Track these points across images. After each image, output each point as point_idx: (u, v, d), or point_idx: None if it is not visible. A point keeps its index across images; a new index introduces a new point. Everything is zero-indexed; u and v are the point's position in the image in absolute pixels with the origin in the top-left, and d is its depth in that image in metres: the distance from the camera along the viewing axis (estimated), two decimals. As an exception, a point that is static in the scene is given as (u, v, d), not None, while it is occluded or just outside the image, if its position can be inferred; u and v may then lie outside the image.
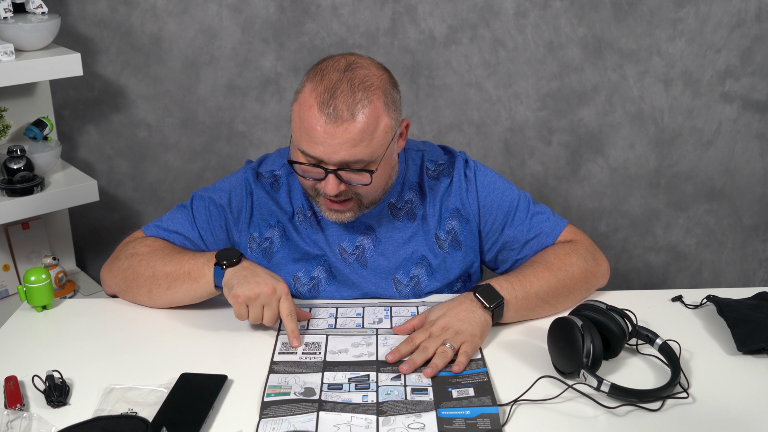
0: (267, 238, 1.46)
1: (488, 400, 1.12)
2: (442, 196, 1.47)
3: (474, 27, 2.34)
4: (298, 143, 1.30)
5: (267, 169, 1.50)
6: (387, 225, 1.46)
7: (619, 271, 2.67)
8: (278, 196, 1.48)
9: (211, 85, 2.39)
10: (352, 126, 1.25)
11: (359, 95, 1.26)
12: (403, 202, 1.47)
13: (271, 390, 1.16)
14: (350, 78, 1.27)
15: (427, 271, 1.45)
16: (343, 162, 1.27)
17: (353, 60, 1.30)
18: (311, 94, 1.27)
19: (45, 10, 1.98)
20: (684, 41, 2.38)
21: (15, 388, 1.16)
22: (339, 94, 1.25)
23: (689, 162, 2.53)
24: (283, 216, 1.46)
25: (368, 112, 1.26)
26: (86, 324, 1.38)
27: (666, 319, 1.37)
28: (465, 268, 1.48)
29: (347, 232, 1.45)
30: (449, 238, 1.46)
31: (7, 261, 2.21)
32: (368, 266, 1.45)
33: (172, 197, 2.53)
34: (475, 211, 1.47)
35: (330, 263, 1.45)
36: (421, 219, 1.47)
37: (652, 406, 1.13)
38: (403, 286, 1.45)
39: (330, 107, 1.24)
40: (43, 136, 2.13)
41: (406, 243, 1.46)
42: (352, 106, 1.25)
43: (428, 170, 1.49)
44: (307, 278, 1.45)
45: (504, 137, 2.48)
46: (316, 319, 1.38)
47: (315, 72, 1.30)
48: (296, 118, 1.30)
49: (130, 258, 1.43)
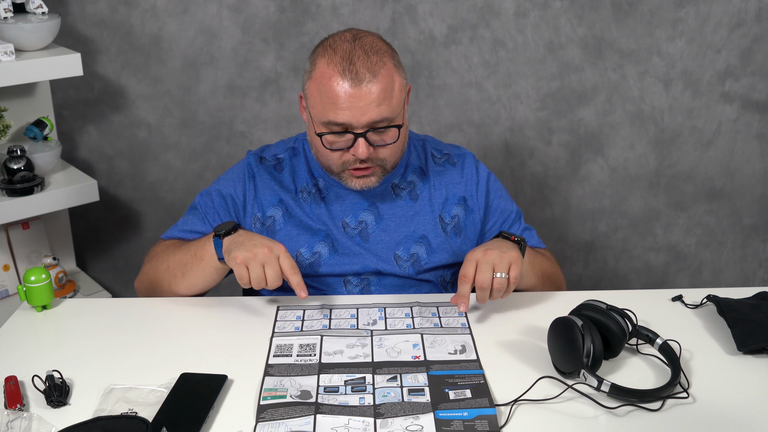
0: (270, 217, 1.51)
1: (485, 402, 1.12)
2: (448, 183, 1.55)
3: (474, 27, 2.34)
4: (323, 116, 1.36)
5: (270, 154, 1.57)
6: (390, 203, 1.52)
7: (619, 271, 2.67)
8: (281, 176, 1.54)
9: (211, 85, 2.39)
10: (374, 86, 1.33)
11: (374, 58, 1.35)
12: (406, 183, 1.54)
13: (267, 393, 1.15)
14: (361, 45, 1.36)
15: (427, 250, 1.51)
16: (370, 122, 1.35)
17: (356, 32, 1.40)
18: (328, 66, 1.35)
19: (45, 10, 1.98)
20: (684, 41, 2.38)
21: (15, 388, 1.16)
22: (356, 59, 1.34)
23: (689, 162, 2.53)
24: (285, 194, 1.52)
25: (385, 71, 1.35)
26: (86, 324, 1.38)
27: (666, 319, 1.37)
28: (462, 256, 1.50)
29: (351, 208, 1.51)
30: (453, 223, 1.54)
31: (7, 261, 2.21)
32: (370, 240, 1.50)
33: (172, 197, 2.53)
34: (481, 206, 1.56)
35: (333, 238, 1.50)
36: (424, 200, 1.53)
37: (653, 406, 1.13)
38: (403, 261, 1.50)
39: (351, 72, 1.33)
40: (43, 136, 2.13)
41: (408, 221, 1.52)
42: (371, 68, 1.34)
43: (434, 157, 1.58)
44: (309, 253, 1.49)
45: (504, 137, 2.48)
46: (310, 321, 1.38)
47: (323, 49, 1.38)
48: (314, 94, 1.37)
49: (150, 261, 1.53)
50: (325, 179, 1.52)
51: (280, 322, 1.37)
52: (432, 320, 1.38)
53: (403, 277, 1.51)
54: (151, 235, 2.58)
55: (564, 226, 2.60)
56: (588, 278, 2.68)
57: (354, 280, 1.50)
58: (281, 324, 1.37)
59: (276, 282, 1.32)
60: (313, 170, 1.54)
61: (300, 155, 1.56)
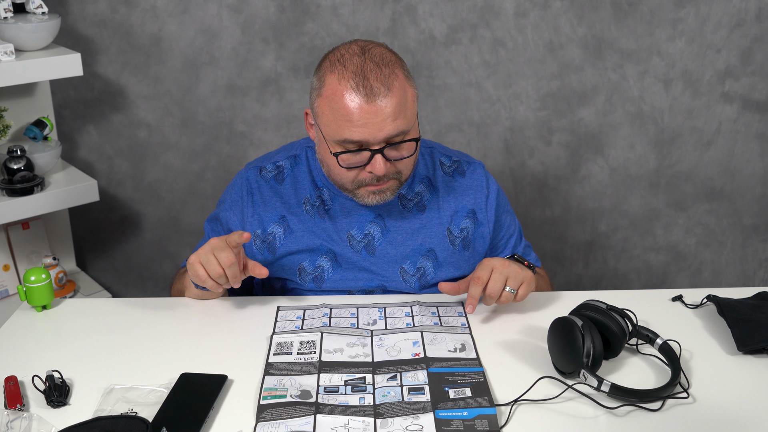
0: (271, 234, 1.48)
1: (486, 401, 1.12)
2: (458, 194, 1.52)
3: (474, 27, 2.34)
4: (337, 134, 1.32)
5: (270, 162, 1.52)
6: (396, 215, 1.49)
7: (619, 271, 2.67)
8: (282, 189, 1.50)
9: (211, 85, 2.39)
10: (389, 100, 1.30)
11: (386, 70, 1.31)
12: (413, 194, 1.50)
13: (267, 392, 1.15)
14: (371, 58, 1.32)
15: (434, 264, 1.48)
16: (387, 137, 1.32)
17: (363, 44, 1.36)
18: (340, 82, 1.31)
19: (45, 10, 1.98)
20: (684, 41, 2.38)
21: (15, 388, 1.16)
22: (369, 73, 1.30)
23: (689, 162, 2.53)
24: (287, 210, 1.48)
25: (398, 84, 1.32)
26: (86, 324, 1.38)
27: (666, 319, 1.37)
28: (468, 270, 1.50)
29: (357, 220, 1.48)
30: (461, 236, 1.51)
31: (7, 261, 2.21)
32: (376, 254, 1.47)
33: (172, 197, 2.53)
34: (491, 220, 1.53)
35: (335, 252, 1.47)
36: (432, 211, 1.50)
37: (653, 406, 1.13)
38: (409, 276, 1.48)
39: (366, 87, 1.29)
40: (43, 136, 2.13)
41: (414, 233, 1.49)
42: (385, 81, 1.30)
43: (443, 165, 1.54)
44: (311, 267, 1.47)
45: (504, 137, 2.48)
46: (311, 320, 1.38)
47: (331, 64, 1.34)
48: (326, 112, 1.33)
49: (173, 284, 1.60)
50: (330, 190, 1.48)
51: (281, 322, 1.37)
52: (432, 319, 1.38)
53: (408, 294, 1.49)
54: (151, 235, 2.58)
55: (564, 226, 2.60)
56: (588, 278, 2.68)
57: (359, 295, 1.48)
58: (281, 324, 1.36)
59: (229, 260, 1.28)
60: (317, 180, 1.49)
61: (302, 164, 1.51)
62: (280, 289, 1.51)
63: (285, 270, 1.48)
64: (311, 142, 1.51)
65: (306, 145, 1.53)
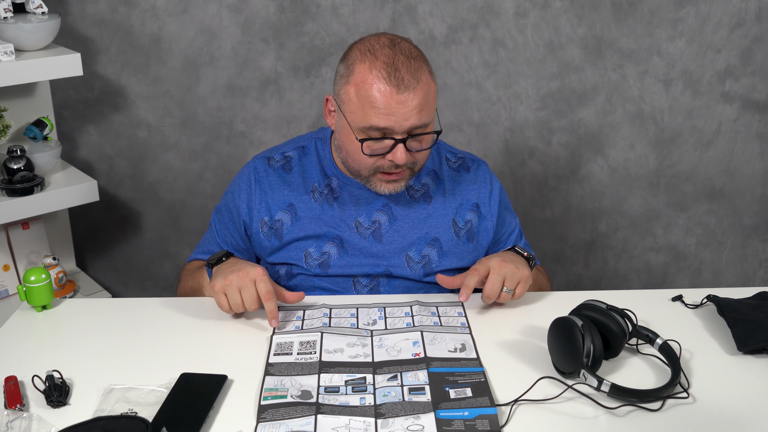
0: (278, 220, 1.51)
1: (486, 401, 1.12)
2: (462, 188, 1.56)
3: (474, 27, 2.34)
4: (363, 121, 1.36)
5: (278, 153, 1.57)
6: (404, 204, 1.53)
7: (619, 271, 2.67)
8: (290, 177, 1.54)
9: (211, 85, 2.39)
10: (417, 92, 1.35)
11: (414, 64, 1.36)
12: (420, 185, 1.54)
13: (267, 393, 1.15)
14: (401, 50, 1.37)
15: (438, 253, 1.52)
16: (412, 128, 1.36)
17: (391, 36, 1.40)
18: (371, 71, 1.35)
19: (45, 10, 1.98)
20: (684, 41, 2.38)
21: (15, 388, 1.16)
22: (400, 66, 1.35)
23: (689, 162, 2.53)
24: (294, 197, 1.52)
25: (425, 78, 1.37)
26: (86, 324, 1.38)
27: (666, 319, 1.37)
28: (471, 262, 1.51)
29: (365, 208, 1.51)
30: (466, 228, 1.54)
31: (7, 261, 2.21)
32: (383, 241, 1.50)
33: (172, 197, 2.53)
34: (494, 215, 1.57)
35: (342, 238, 1.50)
36: (438, 202, 1.54)
37: (653, 406, 1.13)
38: (414, 263, 1.51)
39: (397, 78, 1.34)
40: (43, 136, 2.13)
41: (421, 222, 1.52)
42: (414, 74, 1.35)
43: (448, 161, 1.59)
44: (318, 253, 1.49)
45: (504, 137, 2.48)
46: (311, 320, 1.38)
47: (362, 54, 1.38)
48: (352, 99, 1.37)
49: (180, 281, 1.62)
50: (339, 178, 1.51)
51: (281, 322, 1.37)
52: (432, 319, 1.38)
53: (412, 280, 1.51)
54: (151, 235, 2.58)
55: (564, 226, 2.60)
56: (588, 278, 2.68)
57: (364, 280, 1.50)
58: (281, 324, 1.36)
59: (253, 305, 1.32)
60: (326, 169, 1.53)
61: (311, 154, 1.55)
62: (285, 275, 1.53)
63: (291, 255, 1.51)
64: (320, 133, 1.57)
65: (315, 137, 1.57)
